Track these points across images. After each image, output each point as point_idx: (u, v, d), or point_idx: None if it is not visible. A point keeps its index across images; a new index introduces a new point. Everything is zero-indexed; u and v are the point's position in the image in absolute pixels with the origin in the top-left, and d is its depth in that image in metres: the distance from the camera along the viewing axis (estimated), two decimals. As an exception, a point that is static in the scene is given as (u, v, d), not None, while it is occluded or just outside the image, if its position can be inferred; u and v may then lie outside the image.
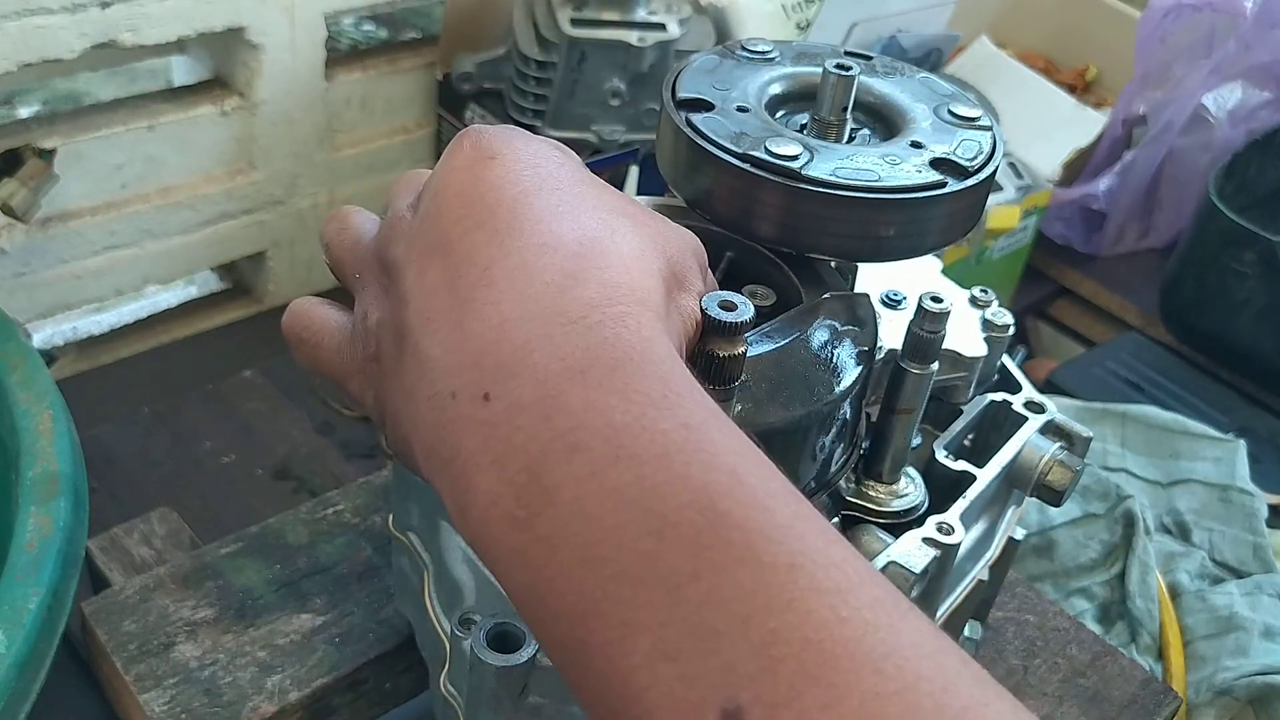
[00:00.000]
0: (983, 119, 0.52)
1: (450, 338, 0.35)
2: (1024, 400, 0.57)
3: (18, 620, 0.48)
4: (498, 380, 0.34)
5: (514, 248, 0.36)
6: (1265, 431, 1.06)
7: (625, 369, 0.33)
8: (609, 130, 0.96)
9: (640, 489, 0.31)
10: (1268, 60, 1.20)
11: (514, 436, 0.33)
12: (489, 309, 0.35)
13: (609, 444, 0.32)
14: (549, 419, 0.33)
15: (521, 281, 0.35)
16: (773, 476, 0.33)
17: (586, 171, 0.41)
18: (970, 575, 0.55)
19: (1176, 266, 1.19)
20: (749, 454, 0.34)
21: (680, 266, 0.39)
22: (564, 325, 0.34)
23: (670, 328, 0.37)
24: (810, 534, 0.32)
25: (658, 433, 0.32)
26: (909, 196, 0.47)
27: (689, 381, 0.35)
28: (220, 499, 0.80)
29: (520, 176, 0.38)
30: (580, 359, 0.33)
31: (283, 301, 1.01)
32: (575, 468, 0.32)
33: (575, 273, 0.35)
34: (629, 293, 0.35)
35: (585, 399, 0.33)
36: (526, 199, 0.37)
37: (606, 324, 0.34)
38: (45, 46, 0.77)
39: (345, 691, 0.57)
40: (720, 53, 0.53)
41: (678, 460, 0.32)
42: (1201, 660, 0.82)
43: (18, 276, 0.85)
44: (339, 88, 0.96)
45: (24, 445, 0.56)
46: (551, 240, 0.36)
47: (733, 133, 0.48)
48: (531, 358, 0.34)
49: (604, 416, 0.32)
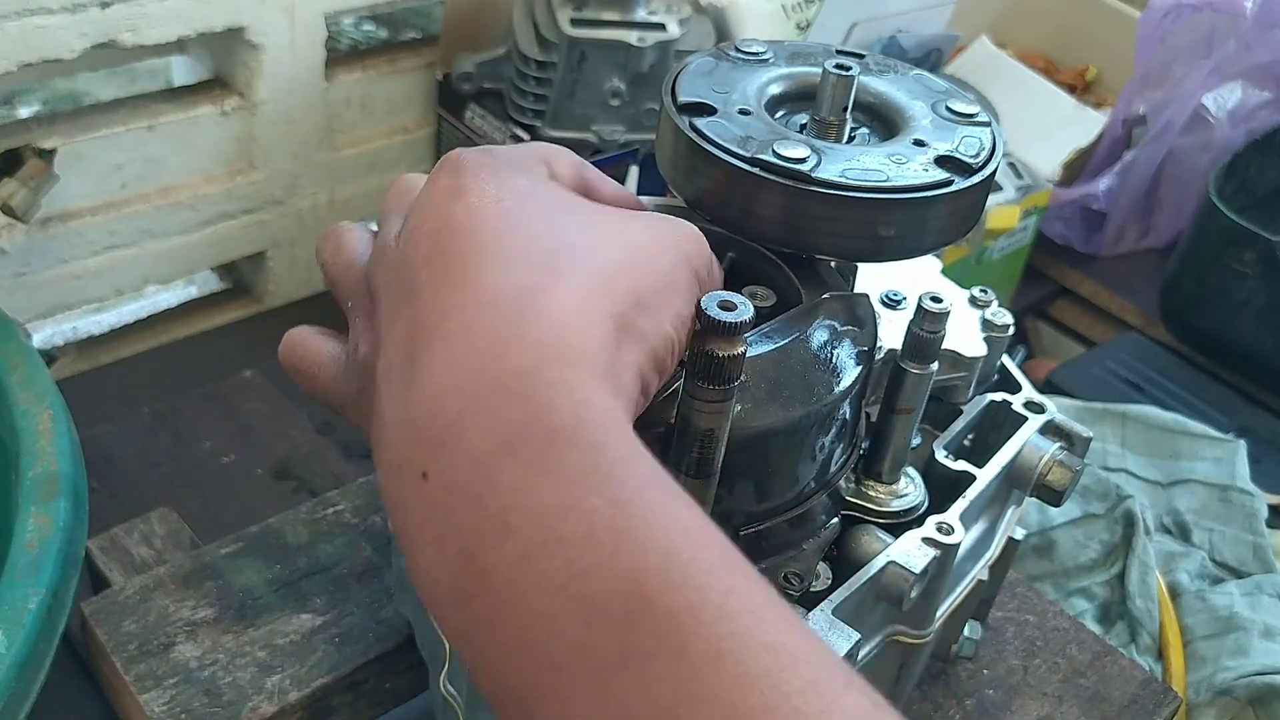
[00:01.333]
0: (981, 115, 0.52)
1: (399, 403, 0.35)
2: (1024, 400, 0.57)
3: (18, 620, 0.48)
4: (434, 457, 0.34)
5: (462, 302, 0.36)
6: (1265, 431, 1.06)
7: (555, 444, 0.33)
8: (609, 130, 0.96)
9: (569, 574, 0.31)
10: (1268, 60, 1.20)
11: (450, 517, 0.33)
12: (430, 375, 0.35)
13: (538, 527, 0.32)
14: (481, 500, 0.33)
15: (462, 344, 0.35)
16: (707, 547, 0.33)
17: (562, 193, 0.41)
18: (970, 575, 0.55)
19: (1176, 266, 1.19)
20: (685, 524, 0.33)
21: (648, 288, 0.38)
22: (495, 396, 0.34)
23: (618, 374, 0.36)
24: (744, 612, 0.31)
25: (586, 512, 0.32)
26: (918, 196, 0.47)
27: (624, 448, 0.34)
28: (220, 499, 0.80)
29: (483, 216, 0.38)
30: (510, 435, 0.33)
31: (283, 302, 1.02)
32: (507, 551, 0.32)
33: (509, 336, 0.35)
34: (561, 352, 0.34)
35: (515, 478, 0.32)
36: (482, 242, 0.37)
37: (537, 393, 0.34)
38: (45, 46, 0.77)
39: (345, 691, 0.57)
40: (716, 55, 0.53)
41: (606, 541, 0.31)
42: (1201, 660, 0.82)
43: (18, 276, 0.85)
44: (339, 88, 0.96)
45: (24, 445, 0.56)
46: (495, 294, 0.35)
47: (738, 136, 0.47)
48: (464, 434, 0.33)
49: (533, 498, 0.32)
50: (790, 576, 0.47)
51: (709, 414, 0.40)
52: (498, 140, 0.98)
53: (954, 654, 0.61)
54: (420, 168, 1.06)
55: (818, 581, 0.49)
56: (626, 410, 0.36)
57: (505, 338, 0.35)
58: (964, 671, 0.63)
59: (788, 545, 0.48)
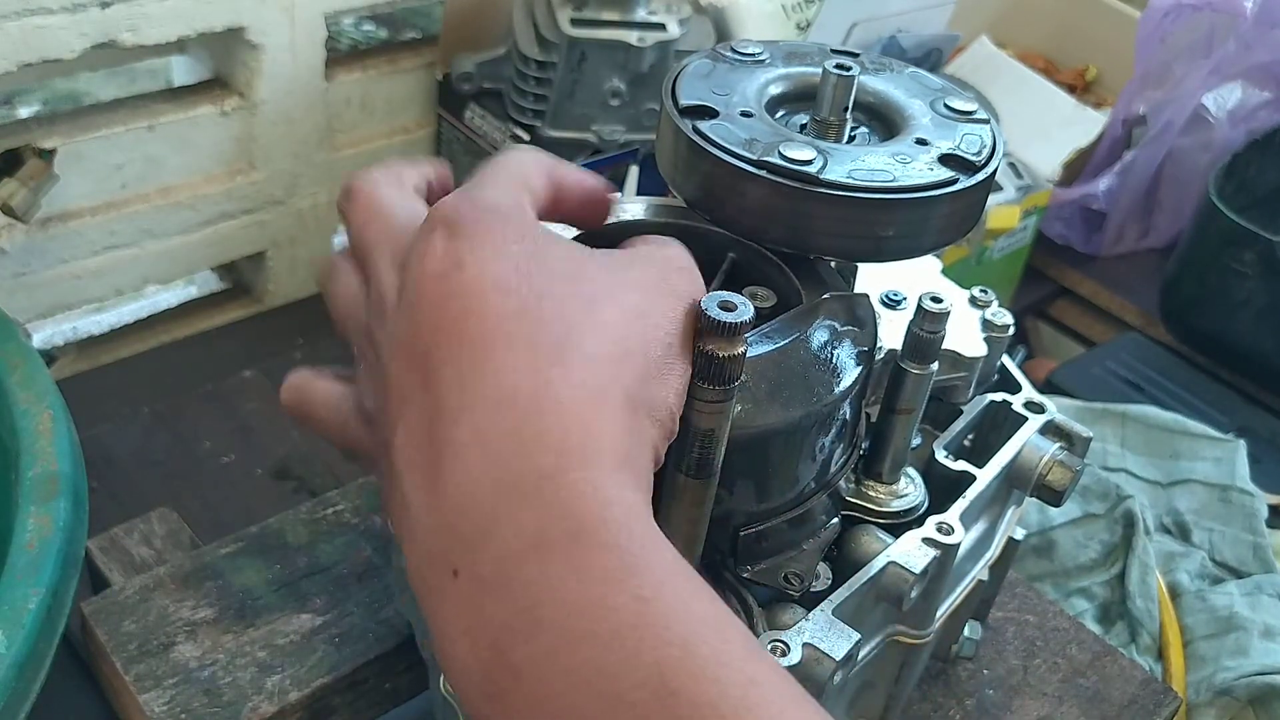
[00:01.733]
0: (979, 112, 0.52)
1: (427, 498, 0.36)
2: (1024, 400, 0.57)
3: (18, 620, 0.48)
4: (464, 555, 0.35)
5: (477, 398, 0.36)
6: (1265, 431, 1.06)
7: (579, 544, 0.34)
8: (609, 130, 0.96)
9: (595, 669, 0.32)
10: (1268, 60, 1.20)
11: (481, 612, 0.34)
12: (455, 475, 0.36)
13: (566, 623, 0.33)
14: (511, 597, 0.34)
15: (481, 446, 0.35)
16: (727, 640, 0.34)
17: (554, 256, 0.40)
18: (970, 575, 0.55)
19: (1176, 266, 1.19)
20: (705, 616, 0.34)
21: (654, 356, 0.38)
22: (520, 498, 0.35)
23: (635, 460, 0.37)
24: (763, 702, 0.32)
25: (611, 610, 0.33)
26: (924, 195, 0.47)
27: (646, 543, 0.35)
28: (220, 499, 0.80)
29: (486, 294, 0.37)
30: (536, 535, 0.34)
31: (283, 302, 1.02)
32: (536, 647, 0.33)
33: (527, 437, 0.35)
34: (581, 453, 0.35)
35: (543, 576, 0.33)
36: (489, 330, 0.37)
37: (560, 495, 0.34)
38: (45, 46, 0.77)
39: (345, 691, 0.57)
40: (712, 56, 0.53)
41: (630, 638, 0.32)
42: (1201, 660, 0.82)
43: (18, 276, 0.85)
44: (339, 88, 0.96)
45: (24, 445, 0.56)
46: (508, 389, 0.36)
47: (743, 139, 0.47)
48: (492, 533, 0.34)
49: (560, 594, 0.33)
50: (790, 576, 0.47)
51: (709, 414, 0.40)
52: (498, 140, 0.98)
53: (954, 654, 0.61)
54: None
55: (818, 581, 0.49)
56: (645, 495, 0.37)
57: (521, 442, 0.35)
58: (964, 671, 0.63)
59: (788, 545, 0.48)
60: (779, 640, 0.44)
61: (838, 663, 0.44)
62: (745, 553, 0.47)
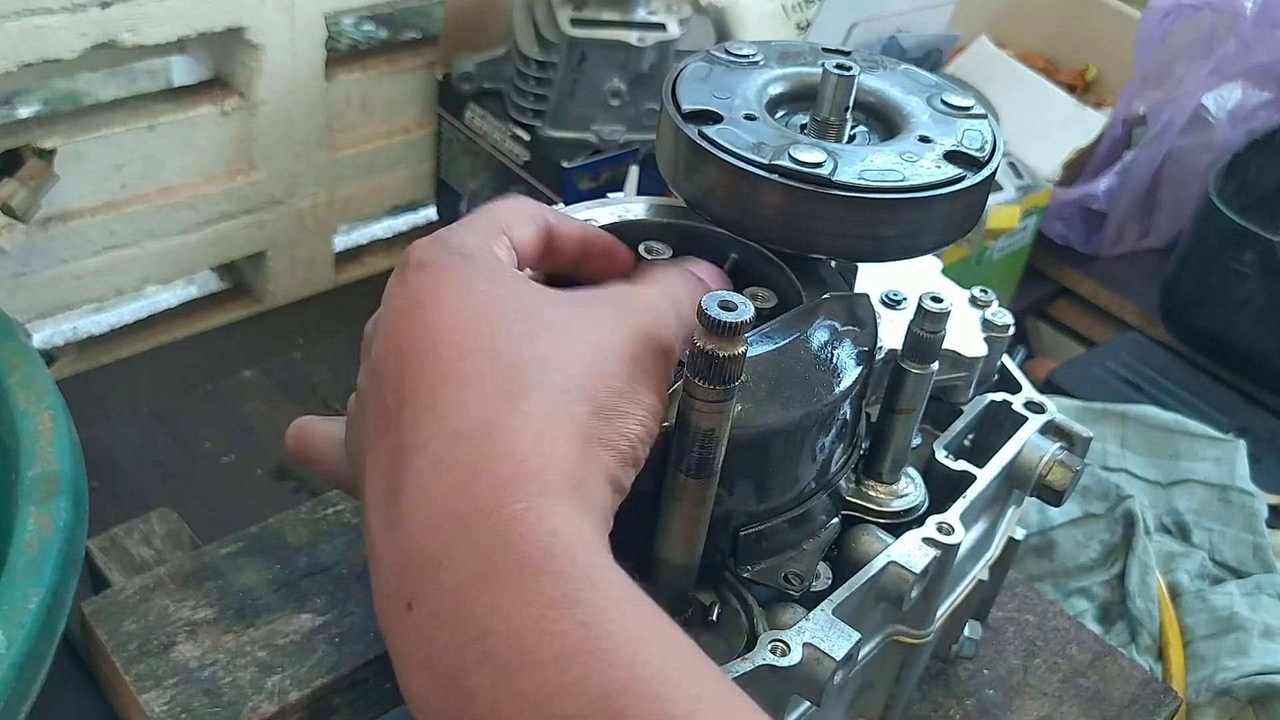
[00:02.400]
0: (976, 108, 0.52)
1: (386, 537, 0.38)
2: (1024, 400, 0.57)
3: (18, 620, 0.48)
4: (416, 589, 0.36)
5: (430, 435, 0.37)
6: (1265, 431, 1.06)
7: (524, 574, 0.35)
8: (609, 130, 0.96)
9: (543, 695, 0.33)
10: (1268, 60, 1.20)
11: (434, 643, 0.35)
12: (409, 512, 0.37)
13: (513, 651, 0.34)
14: (460, 627, 0.35)
15: (431, 482, 0.37)
16: (673, 658, 0.34)
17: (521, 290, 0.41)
18: (970, 575, 0.55)
19: (1176, 266, 1.19)
20: (651, 638, 0.35)
21: (610, 398, 0.39)
22: (468, 531, 0.36)
23: (587, 489, 0.37)
24: (711, 718, 0.33)
25: (556, 635, 0.34)
26: (935, 194, 0.47)
27: (591, 569, 0.35)
28: (220, 499, 0.80)
29: (441, 338, 0.39)
30: (483, 566, 0.35)
31: (283, 302, 1.02)
32: (486, 675, 0.34)
33: (477, 469, 0.36)
34: (527, 484, 0.36)
35: (490, 607, 0.34)
36: (443, 369, 0.38)
37: (505, 526, 0.35)
38: (45, 46, 0.77)
39: (345, 691, 0.57)
40: (708, 59, 0.53)
41: (575, 662, 0.33)
42: (1201, 660, 0.82)
43: (18, 276, 0.85)
44: (339, 88, 0.96)
45: (24, 445, 0.56)
46: (458, 424, 0.37)
47: (750, 143, 0.47)
48: (442, 565, 0.36)
49: (507, 623, 0.34)
50: (790, 576, 0.47)
51: (709, 414, 0.40)
52: (498, 140, 0.98)
53: (954, 654, 0.61)
54: (420, 168, 1.06)
55: (818, 581, 0.49)
56: (598, 522, 0.38)
57: (471, 474, 0.36)
58: (964, 671, 0.63)
59: (788, 545, 0.48)
60: (779, 640, 0.44)
61: (838, 662, 0.44)
62: (745, 553, 0.47)
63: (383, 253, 1.09)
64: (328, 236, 1.02)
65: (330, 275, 1.04)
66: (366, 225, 1.13)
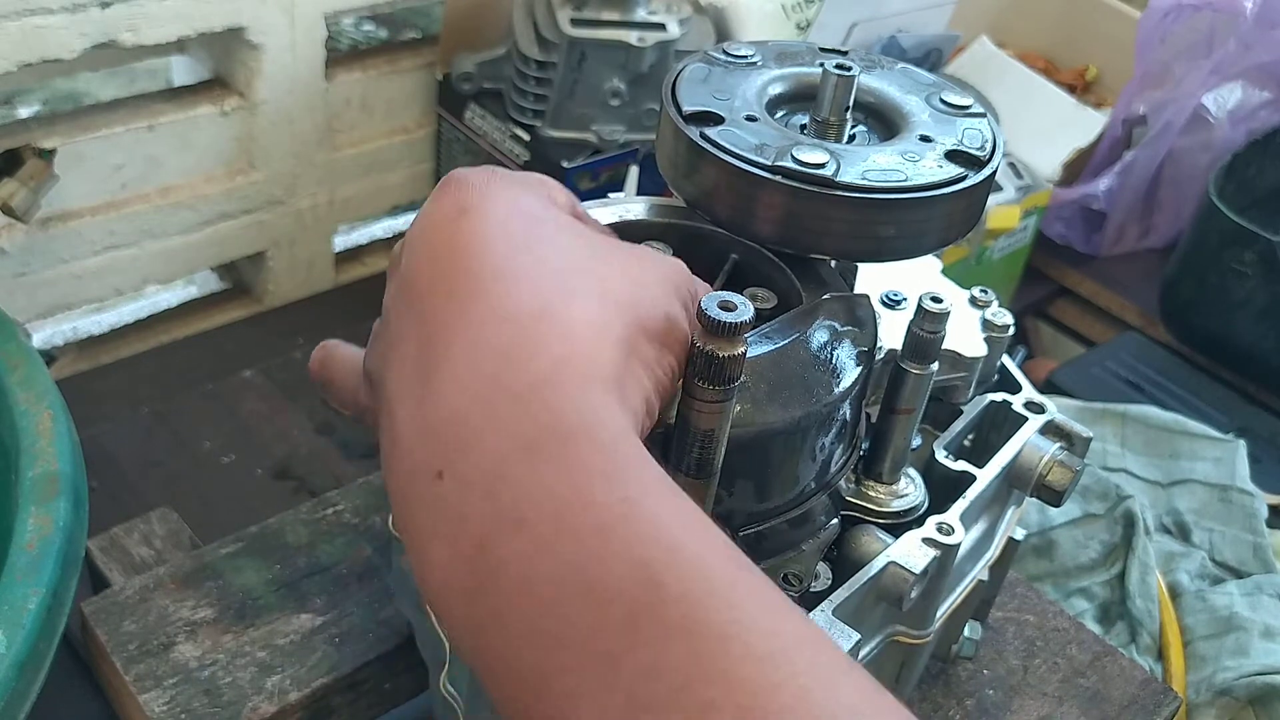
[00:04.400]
0: (974, 106, 0.52)
1: (414, 414, 0.37)
2: (1024, 400, 0.57)
3: (18, 620, 0.48)
4: (449, 458, 0.35)
5: (474, 318, 0.37)
6: (1265, 431, 1.06)
7: (569, 444, 0.34)
8: (609, 130, 0.96)
9: (581, 564, 0.32)
10: (1268, 60, 1.20)
11: (464, 512, 0.34)
12: (445, 386, 0.36)
13: (552, 519, 0.33)
14: (495, 495, 0.34)
15: (476, 356, 0.36)
16: (712, 545, 0.34)
17: (564, 216, 0.42)
18: (970, 575, 0.55)
19: (1176, 266, 1.19)
20: (690, 523, 0.34)
21: (652, 321, 0.39)
22: (512, 401, 0.35)
23: (627, 394, 0.37)
24: (747, 601, 0.33)
25: (599, 507, 0.33)
26: (940, 193, 0.47)
27: (634, 454, 0.35)
28: (220, 499, 0.80)
29: (491, 235, 0.38)
30: (526, 436, 0.34)
31: (283, 302, 1.02)
32: (520, 543, 0.33)
33: (527, 346, 0.36)
34: (578, 366, 0.36)
35: (530, 475, 0.34)
36: (492, 261, 0.38)
37: (553, 399, 0.35)
38: (45, 46, 0.77)
39: (345, 691, 0.57)
40: (706, 60, 0.53)
41: (617, 535, 0.33)
42: (1201, 660, 0.82)
43: (18, 276, 0.85)
44: (339, 88, 0.96)
45: (24, 445, 0.56)
46: (509, 309, 0.37)
47: (753, 144, 0.47)
48: (480, 435, 0.35)
49: (547, 491, 0.33)
50: (790, 577, 0.47)
51: (709, 414, 0.40)
52: (498, 140, 0.98)
53: (954, 654, 0.61)
54: (420, 168, 1.06)
55: (818, 581, 0.49)
56: (634, 427, 0.37)
57: (523, 349, 0.36)
58: (964, 671, 0.63)
59: (787, 546, 0.48)
60: (779, 640, 0.44)
61: (838, 663, 0.44)
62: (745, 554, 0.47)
63: (383, 253, 1.09)
64: (328, 236, 1.02)
65: (330, 275, 1.04)
66: (366, 225, 1.13)
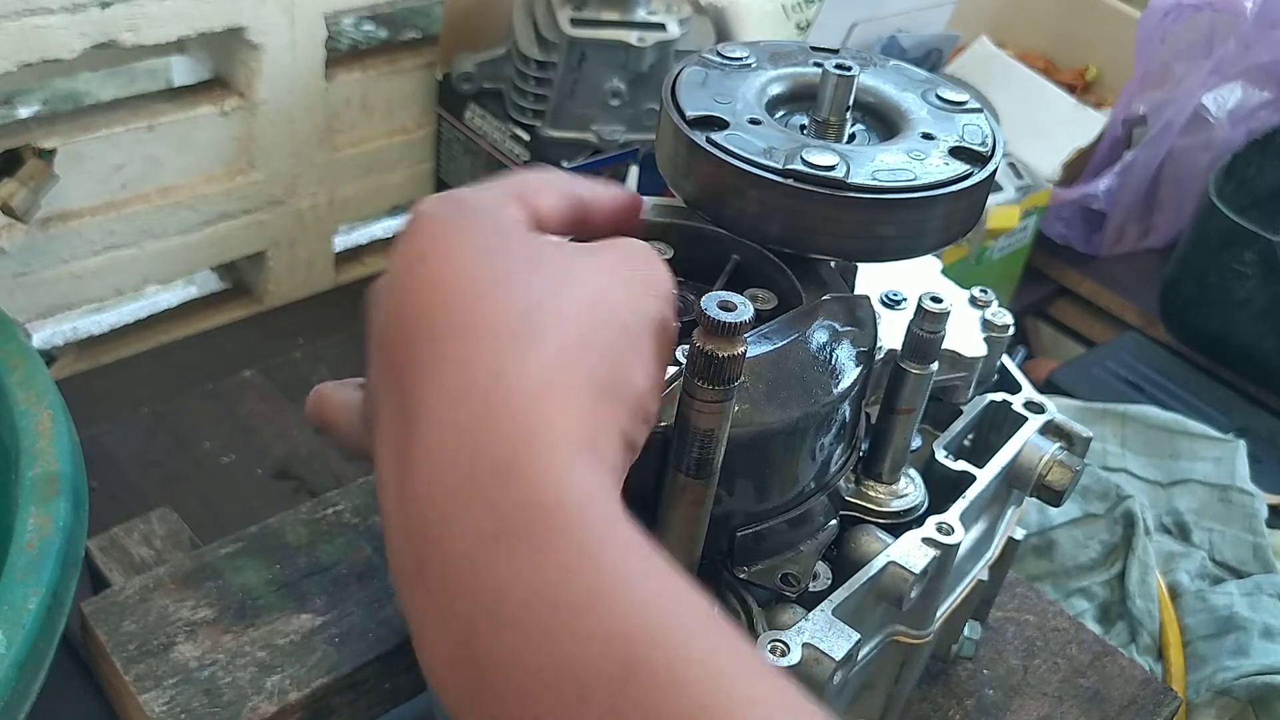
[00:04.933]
0: (971, 101, 0.52)
1: (395, 501, 0.37)
2: (1024, 400, 0.57)
3: (18, 620, 0.48)
4: (429, 552, 0.35)
5: (433, 393, 0.36)
6: (1265, 431, 1.06)
7: (536, 531, 0.34)
8: (609, 130, 0.96)
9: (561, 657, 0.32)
10: (1268, 60, 1.20)
11: (450, 606, 0.34)
12: (416, 476, 0.36)
13: (529, 613, 0.33)
14: (474, 593, 0.34)
15: (438, 441, 0.36)
16: (688, 610, 0.34)
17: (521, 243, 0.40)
18: (970, 575, 0.55)
19: (1176, 266, 1.19)
20: (665, 588, 0.34)
21: (619, 349, 0.38)
22: (477, 491, 0.34)
23: (598, 445, 0.37)
24: (726, 669, 0.32)
25: (572, 589, 0.33)
26: (948, 191, 0.47)
27: (605, 522, 0.35)
28: (220, 499, 0.80)
29: (448, 284, 0.38)
30: (494, 526, 0.34)
31: (283, 302, 1.02)
32: (502, 642, 0.33)
33: (483, 427, 0.35)
34: (536, 441, 0.35)
35: (503, 570, 0.34)
36: (448, 318, 0.37)
37: (515, 483, 0.34)
38: (45, 46, 0.77)
39: (345, 691, 0.57)
40: (702, 63, 0.53)
41: (594, 616, 0.33)
42: (1201, 660, 0.82)
43: (18, 276, 0.85)
44: (339, 88, 0.96)
45: (24, 445, 0.56)
46: (469, 378, 0.36)
47: (760, 148, 0.47)
48: (451, 530, 0.34)
49: (521, 582, 0.33)
50: (789, 577, 0.47)
51: (709, 414, 0.40)
52: (498, 140, 0.98)
53: (954, 654, 0.61)
54: (420, 168, 1.06)
55: (817, 581, 0.49)
56: (609, 477, 0.37)
57: (479, 430, 0.35)
58: (964, 671, 0.63)
59: (787, 546, 0.48)
60: (779, 640, 0.44)
61: (837, 663, 0.44)
62: (742, 553, 0.47)
63: (382, 253, 1.09)
64: (328, 236, 1.02)
65: (330, 275, 1.04)
66: (366, 225, 1.13)
